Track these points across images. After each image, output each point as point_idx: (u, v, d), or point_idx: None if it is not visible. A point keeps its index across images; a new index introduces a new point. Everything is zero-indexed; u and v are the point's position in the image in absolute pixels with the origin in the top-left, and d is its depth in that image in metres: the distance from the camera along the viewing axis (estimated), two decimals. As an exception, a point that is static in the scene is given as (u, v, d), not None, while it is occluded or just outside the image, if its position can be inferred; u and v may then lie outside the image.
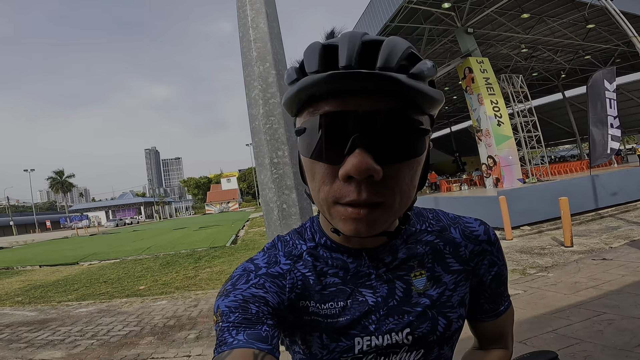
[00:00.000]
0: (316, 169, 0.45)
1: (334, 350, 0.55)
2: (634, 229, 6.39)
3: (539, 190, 8.08)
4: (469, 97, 11.13)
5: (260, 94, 1.75)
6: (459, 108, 24.14)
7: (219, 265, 7.96)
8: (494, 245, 0.64)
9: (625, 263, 4.30)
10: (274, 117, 1.75)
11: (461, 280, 0.61)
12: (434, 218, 0.64)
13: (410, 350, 0.57)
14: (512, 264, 5.21)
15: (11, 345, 3.92)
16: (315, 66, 0.42)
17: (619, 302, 3.11)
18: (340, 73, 0.40)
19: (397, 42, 0.42)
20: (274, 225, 1.74)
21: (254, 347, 0.43)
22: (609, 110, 7.78)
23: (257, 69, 1.75)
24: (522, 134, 11.45)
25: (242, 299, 0.49)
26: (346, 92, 0.41)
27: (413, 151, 0.44)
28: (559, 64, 18.06)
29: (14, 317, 5.27)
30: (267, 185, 1.74)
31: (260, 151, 1.75)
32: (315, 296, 0.56)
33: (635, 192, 8.47)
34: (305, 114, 0.45)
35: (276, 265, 0.57)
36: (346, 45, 0.41)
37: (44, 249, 18.12)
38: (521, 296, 3.77)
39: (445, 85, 18.98)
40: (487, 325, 0.69)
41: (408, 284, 0.57)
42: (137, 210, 73.52)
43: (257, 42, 1.77)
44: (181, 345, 3.53)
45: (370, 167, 0.40)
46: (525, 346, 2.62)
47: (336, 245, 0.57)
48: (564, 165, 16.22)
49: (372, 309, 0.56)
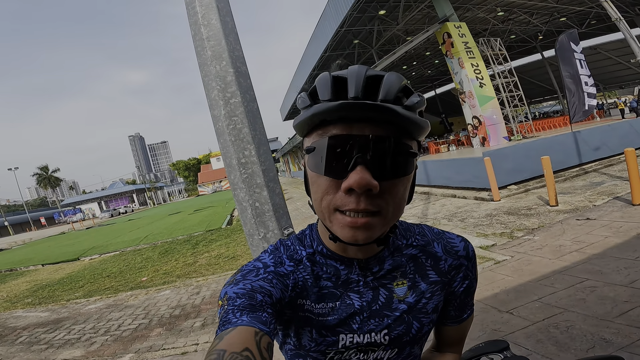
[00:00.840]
0: (321, 181, 0.52)
1: (321, 344, 0.64)
2: (618, 184, 6.43)
3: (523, 149, 8.13)
4: (449, 61, 11.24)
5: (220, 95, 1.73)
6: (441, 71, 24.30)
7: (217, 249, 8.11)
8: (471, 260, 0.72)
9: (608, 223, 4.36)
10: (236, 117, 1.74)
11: (437, 290, 0.69)
12: (419, 233, 0.71)
13: (386, 348, 0.66)
14: (500, 226, 5.32)
15: (32, 348, 4.04)
16: (327, 95, 0.50)
17: (601, 267, 3.15)
18: (350, 103, 0.48)
19: (394, 77, 0.50)
20: (250, 224, 1.79)
21: (256, 327, 0.48)
22: (580, 70, 7.95)
23: (214, 68, 1.71)
24: (504, 94, 11.72)
25: (251, 288, 0.55)
26: (352, 119, 0.49)
27: (404, 170, 0.52)
28: (535, 26, 18.28)
29: (28, 319, 5.39)
30: (238, 185, 1.77)
31: (227, 152, 1.76)
32: (311, 296, 0.64)
33: (617, 147, 8.52)
34: (315, 135, 0.53)
35: (281, 265, 0.64)
36: (354, 79, 0.49)
37: (44, 247, 18.14)
38: (509, 262, 3.82)
39: (427, 51, 18.77)
40: (449, 329, 0.78)
41: (390, 292, 0.66)
42: (129, 198, 72.99)
43: (210, 40, 1.71)
44: (189, 334, 3.68)
45: (369, 182, 0.48)
46: (512, 316, 2.66)
47: (331, 253, 0.64)
48: (547, 121, 16.38)
49: (357, 311, 0.64)
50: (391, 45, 17.61)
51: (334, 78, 0.51)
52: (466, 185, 8.61)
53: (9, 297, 7.38)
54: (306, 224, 6.97)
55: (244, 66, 1.83)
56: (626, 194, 5.41)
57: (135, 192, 74.83)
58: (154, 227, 17.44)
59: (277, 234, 1.81)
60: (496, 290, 3.17)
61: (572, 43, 8.04)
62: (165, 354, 3.29)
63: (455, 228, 5.71)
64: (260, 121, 1.85)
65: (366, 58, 19.63)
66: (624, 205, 4.96)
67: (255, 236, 1.80)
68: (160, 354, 3.32)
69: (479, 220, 5.92)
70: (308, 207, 10.18)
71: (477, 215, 6.35)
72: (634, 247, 3.44)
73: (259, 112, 1.87)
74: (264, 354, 0.45)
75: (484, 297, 3.10)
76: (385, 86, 0.49)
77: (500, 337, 2.40)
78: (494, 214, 6.15)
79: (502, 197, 7.25)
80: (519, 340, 2.35)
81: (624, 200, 5.17)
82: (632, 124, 9.20)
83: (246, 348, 0.44)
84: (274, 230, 1.80)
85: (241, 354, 0.43)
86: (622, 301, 2.51)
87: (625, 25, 6.03)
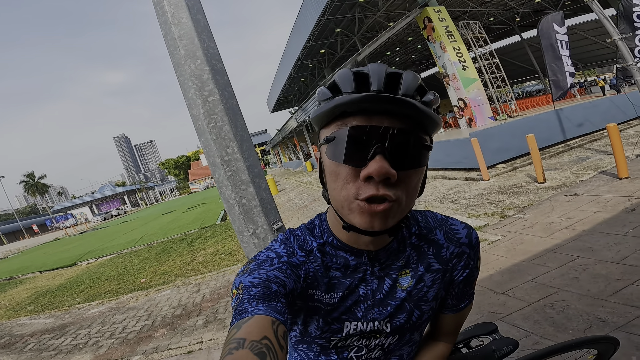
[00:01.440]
0: (340, 170, 0.54)
1: (327, 331, 0.67)
2: (603, 158, 6.47)
3: (509, 128, 8.23)
4: (432, 46, 11.37)
5: (197, 94, 1.69)
6: (424, 56, 24.65)
7: (213, 246, 8.09)
8: (474, 248, 0.72)
9: (596, 198, 4.41)
10: (216, 115, 1.71)
11: (439, 279, 0.70)
12: (422, 220, 0.72)
13: (387, 335, 0.69)
14: (491, 206, 5.36)
15: (42, 354, 4.01)
16: (350, 87, 0.52)
17: (592, 244, 3.17)
18: (373, 95, 0.50)
19: (412, 76, 0.53)
20: (238, 221, 1.78)
21: (272, 316, 0.49)
22: (561, 50, 8.13)
23: (189, 67, 1.67)
24: (487, 75, 12.07)
25: (266, 277, 0.56)
26: (373, 111, 0.51)
27: (419, 162, 0.54)
28: (512, 8, 18.62)
29: (33, 326, 5.35)
30: (224, 183, 1.75)
31: (210, 151, 1.74)
32: (321, 287, 0.65)
33: (600, 122, 8.72)
34: (334, 126, 0.55)
35: (294, 256, 0.65)
36: (376, 74, 0.52)
37: (39, 254, 17.93)
38: (501, 242, 3.86)
39: (409, 36, 18.82)
40: (445, 317, 0.78)
41: (394, 281, 0.67)
42: (121, 200, 72.20)
43: (182, 39, 1.66)
44: (192, 332, 3.68)
45: (387, 170, 0.50)
46: (508, 298, 2.68)
47: (342, 244, 0.65)
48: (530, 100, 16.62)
49: (362, 299, 0.66)
50: (373, 32, 17.51)
51: (355, 73, 0.53)
52: (456, 166, 8.69)
53: (11, 305, 7.31)
54: (299, 215, 6.88)
55: (220, 63, 1.79)
56: (611, 167, 5.51)
57: (126, 194, 73.96)
58: (148, 227, 17.32)
59: (266, 229, 1.80)
60: (491, 272, 3.19)
61: (556, 25, 8.19)
62: (172, 354, 3.30)
63: (448, 210, 5.78)
64: (241, 117, 1.82)
65: (349, 46, 19.50)
66: (610, 179, 5.03)
67: (245, 233, 1.80)
68: (166, 354, 3.33)
69: (470, 201, 5.99)
70: (301, 199, 10.09)
71: (468, 195, 6.41)
72: (623, 221, 3.47)
73: (239, 108, 1.84)
74: (281, 342, 0.46)
75: (479, 279, 3.14)
76: (405, 82, 0.52)
77: (497, 319, 2.42)
78: (484, 194, 6.21)
79: (492, 176, 7.32)
80: (517, 321, 2.35)
81: (609, 175, 5.25)
82: (613, 100, 9.38)
83: (265, 336, 0.45)
84: (263, 226, 1.80)
85: (260, 342, 0.44)
86: (615, 279, 2.52)
87: (597, 6, 6.05)
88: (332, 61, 22.18)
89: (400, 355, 0.75)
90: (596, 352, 1.04)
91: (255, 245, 1.80)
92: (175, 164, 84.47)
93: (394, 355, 0.74)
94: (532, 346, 2.07)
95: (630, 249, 2.89)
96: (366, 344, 0.69)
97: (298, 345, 0.73)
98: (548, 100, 14.35)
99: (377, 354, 0.71)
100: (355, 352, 0.70)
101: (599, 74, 26.26)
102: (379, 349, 0.71)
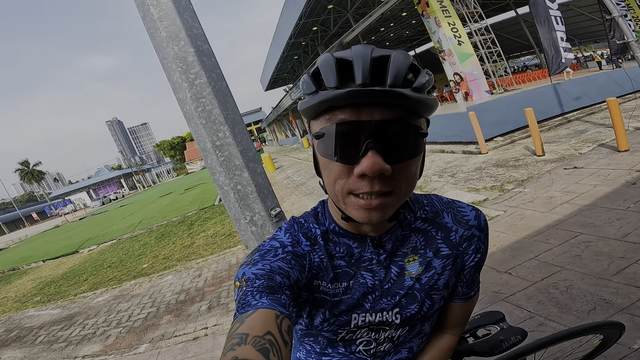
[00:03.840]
0: (332, 166, 0.52)
1: (333, 324, 0.64)
2: (601, 131, 6.40)
3: (506, 101, 8.16)
4: (426, 21, 11.14)
5: (182, 77, 1.58)
6: (419, 31, 24.00)
7: (212, 228, 8.10)
8: (483, 231, 0.68)
9: (596, 171, 4.33)
10: (204, 98, 1.61)
11: (449, 264, 0.66)
12: (428, 204, 0.69)
13: (397, 327, 0.67)
14: (490, 180, 5.30)
15: (53, 347, 4.05)
16: (334, 82, 0.48)
17: (593, 220, 3.12)
18: (358, 90, 0.46)
19: (401, 57, 0.48)
20: (234, 208, 1.72)
21: (276, 309, 0.47)
22: (556, 26, 8.02)
23: (172, 50, 1.55)
24: (482, 50, 11.82)
25: (270, 269, 0.54)
26: (360, 104, 0.47)
27: (415, 151, 0.51)
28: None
29: (41, 317, 5.40)
30: (217, 169, 1.67)
31: (200, 136, 1.65)
32: (327, 277, 0.63)
33: (597, 96, 8.68)
34: (322, 120, 0.51)
35: (299, 245, 0.63)
36: (360, 62, 0.47)
37: (41, 243, 17.98)
38: (502, 217, 3.79)
39: (403, 11, 18.22)
40: (455, 307, 0.74)
41: (402, 269, 0.64)
42: (118, 184, 71.97)
43: (162, 20, 1.53)
44: (197, 318, 3.70)
45: (381, 166, 0.47)
46: (511, 277, 2.65)
47: (344, 231, 0.63)
48: (527, 74, 16.40)
49: (370, 289, 0.64)
50: (367, 8, 16.95)
51: (338, 61, 0.49)
52: (454, 139, 8.62)
53: (18, 296, 7.36)
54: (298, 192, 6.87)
55: (205, 44, 1.66)
56: (611, 140, 5.44)
57: (122, 177, 73.61)
58: (147, 211, 17.33)
59: (264, 216, 1.74)
60: (493, 249, 3.15)
61: (548, 1, 8.08)
62: (178, 341, 3.32)
63: (447, 184, 5.74)
64: (231, 100, 1.72)
65: (342, 22, 18.92)
66: (609, 152, 4.98)
67: (242, 220, 1.73)
68: (173, 341, 3.35)
69: (468, 175, 5.95)
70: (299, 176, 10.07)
71: (466, 169, 6.37)
72: (624, 195, 3.42)
73: (229, 90, 1.73)
74: (285, 337, 0.44)
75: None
76: (393, 69, 0.47)
77: (501, 299, 2.41)
78: (483, 167, 6.17)
79: (490, 149, 7.27)
80: (521, 302, 2.33)
81: (609, 147, 5.19)
82: (610, 75, 9.32)
83: (268, 332, 0.43)
84: (261, 212, 1.73)
85: (264, 337, 0.42)
86: (618, 257, 2.48)
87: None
88: (325, 38, 21.60)
89: (410, 348, 0.72)
90: (602, 337, 1.02)
91: (253, 233, 1.74)
92: (171, 145, 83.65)
93: (403, 347, 0.71)
94: (537, 327, 2.06)
95: (632, 224, 2.86)
96: (375, 337, 0.67)
97: (304, 339, 0.70)
98: (544, 75, 14.17)
99: (387, 347, 0.69)
100: (364, 346, 0.68)
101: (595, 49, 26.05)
102: (388, 342, 0.69)
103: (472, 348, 0.87)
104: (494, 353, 0.85)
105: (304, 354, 0.74)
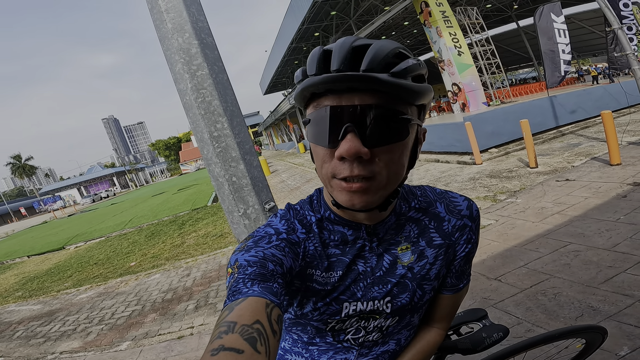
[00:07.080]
0: (318, 150, 0.54)
1: (324, 313, 0.64)
2: (595, 145, 6.50)
3: (502, 112, 8.25)
4: (428, 31, 11.29)
5: (185, 68, 1.59)
6: (420, 41, 24.46)
7: (204, 228, 8.03)
8: (475, 221, 0.69)
9: (587, 184, 4.40)
10: (204, 89, 1.62)
11: (441, 254, 0.67)
12: (422, 195, 0.69)
13: (387, 317, 0.67)
14: (483, 190, 5.35)
15: (30, 342, 3.95)
16: (313, 69, 0.51)
17: (583, 230, 3.16)
18: (332, 76, 0.48)
19: (382, 44, 0.49)
20: (228, 200, 1.71)
21: (267, 298, 0.46)
22: (559, 39, 8.19)
23: (176, 41, 1.56)
24: (482, 61, 12.13)
25: (263, 256, 0.54)
26: (340, 90, 0.49)
27: (397, 136, 0.51)
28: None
29: (21, 312, 5.28)
30: (212, 160, 1.67)
31: (198, 126, 1.65)
32: (320, 266, 0.62)
33: (593, 109, 8.81)
34: (311, 107, 0.54)
35: (294, 233, 0.62)
36: (338, 51, 0.49)
37: (27, 238, 17.66)
38: (493, 227, 3.83)
39: (405, 20, 18.57)
40: (444, 299, 0.75)
41: (395, 257, 0.65)
42: (110, 182, 71.17)
43: (169, 12, 1.55)
44: (183, 317, 3.64)
45: (358, 149, 0.48)
46: (501, 284, 2.66)
47: (339, 219, 0.63)
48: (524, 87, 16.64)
49: (361, 277, 0.63)
50: (369, 16, 17.19)
51: (323, 52, 0.51)
52: (449, 149, 8.70)
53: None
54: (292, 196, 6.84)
55: (209, 37, 1.68)
56: (603, 154, 5.53)
57: (115, 175, 72.87)
58: (138, 209, 17.14)
59: (257, 210, 1.73)
60: (483, 257, 3.19)
61: (554, 15, 8.25)
62: (162, 340, 3.26)
63: (440, 194, 5.77)
64: (231, 92, 1.73)
65: (344, 29, 19.15)
66: (601, 165, 5.05)
67: (235, 213, 1.72)
68: (157, 339, 3.29)
69: (462, 185, 6.00)
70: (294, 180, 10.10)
71: (460, 179, 6.42)
72: (614, 208, 3.47)
73: (229, 83, 1.74)
74: (274, 326, 0.44)
75: (472, 263, 3.12)
76: (369, 55, 0.48)
77: (490, 305, 2.42)
78: (476, 178, 6.23)
79: (484, 160, 7.34)
80: (509, 308, 2.34)
81: (601, 161, 5.26)
82: (606, 89, 9.47)
83: (257, 320, 0.43)
84: (255, 206, 1.73)
85: (252, 326, 0.41)
86: (606, 266, 2.52)
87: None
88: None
89: (398, 340, 0.72)
90: (584, 341, 1.03)
91: (245, 226, 1.74)
92: (166, 145, 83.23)
93: (391, 339, 0.71)
94: (524, 334, 2.07)
95: (621, 235, 2.89)
96: (364, 326, 0.67)
97: (292, 328, 0.70)
98: (541, 88, 14.42)
99: (375, 337, 0.69)
100: (353, 335, 0.67)
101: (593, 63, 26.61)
102: (377, 331, 0.68)
103: (455, 345, 0.87)
104: (477, 350, 0.85)
105: (289, 344, 0.73)
